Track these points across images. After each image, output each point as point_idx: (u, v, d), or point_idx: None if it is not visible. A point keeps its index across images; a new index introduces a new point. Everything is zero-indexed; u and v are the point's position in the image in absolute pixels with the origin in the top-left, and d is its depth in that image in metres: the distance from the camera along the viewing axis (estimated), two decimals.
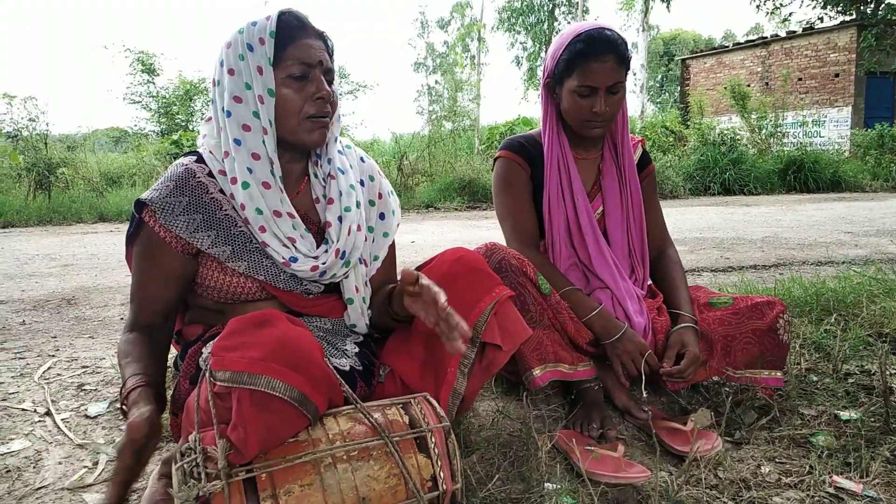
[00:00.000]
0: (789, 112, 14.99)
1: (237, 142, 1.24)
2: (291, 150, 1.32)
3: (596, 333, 1.65)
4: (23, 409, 1.84)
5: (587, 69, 1.62)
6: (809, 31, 17.64)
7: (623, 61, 1.63)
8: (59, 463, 1.52)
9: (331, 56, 1.31)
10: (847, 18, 15.81)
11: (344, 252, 1.31)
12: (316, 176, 1.38)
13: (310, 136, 1.27)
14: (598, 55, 1.61)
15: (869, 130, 15.10)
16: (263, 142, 1.24)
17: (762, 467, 1.45)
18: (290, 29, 1.24)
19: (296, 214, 1.29)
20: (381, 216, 1.47)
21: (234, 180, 1.24)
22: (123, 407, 1.11)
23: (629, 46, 1.68)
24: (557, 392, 1.88)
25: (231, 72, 1.24)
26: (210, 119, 1.32)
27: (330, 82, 1.29)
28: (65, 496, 1.38)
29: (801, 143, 13.83)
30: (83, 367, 2.25)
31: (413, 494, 1.04)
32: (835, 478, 1.38)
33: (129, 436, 0.98)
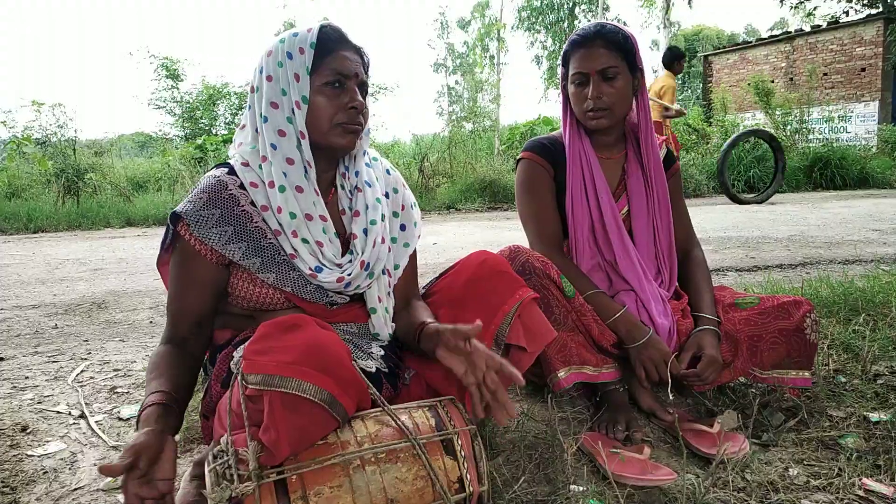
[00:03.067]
0: (815, 108, 14.74)
1: (273, 146, 1.27)
2: (322, 157, 1.34)
3: (620, 337, 1.65)
4: (58, 412, 1.88)
5: (577, 56, 1.70)
6: (834, 25, 17.36)
7: (614, 45, 1.67)
8: (94, 465, 1.56)
9: (366, 70, 1.35)
10: (873, 12, 15.55)
11: (369, 263, 1.33)
12: (343, 188, 1.40)
13: (340, 139, 1.31)
14: (586, 41, 1.68)
15: None
16: (299, 146, 1.28)
17: (790, 470, 1.44)
18: (330, 41, 1.29)
19: (328, 217, 1.32)
20: (403, 227, 1.49)
21: (271, 184, 1.27)
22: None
23: (628, 37, 1.69)
24: (582, 394, 1.88)
25: (269, 78, 1.28)
26: (244, 126, 1.35)
27: (363, 95, 1.33)
28: (100, 497, 1.41)
29: (827, 139, 13.61)
30: (115, 370, 2.29)
31: (440, 496, 1.05)
32: (864, 480, 1.37)
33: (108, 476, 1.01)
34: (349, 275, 1.31)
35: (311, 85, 1.27)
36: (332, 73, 1.28)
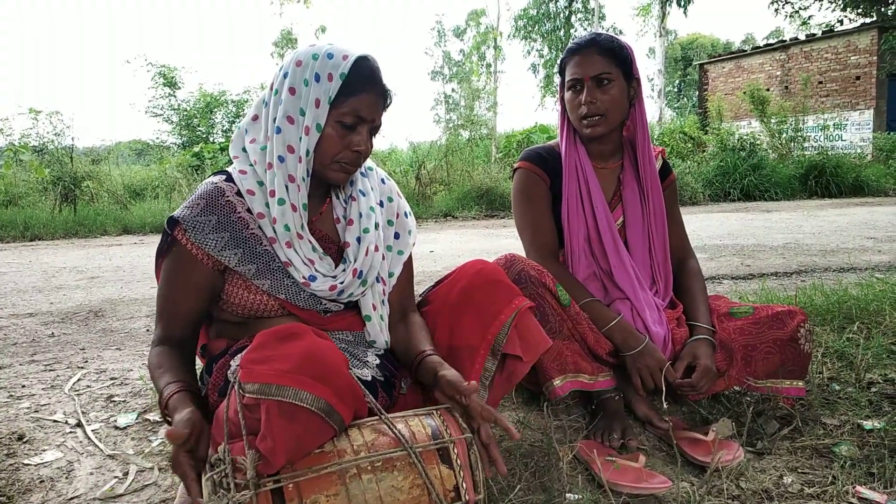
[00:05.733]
0: (809, 116, 14.78)
1: (280, 159, 1.28)
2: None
3: (616, 344, 1.66)
4: (54, 421, 1.88)
5: (572, 63, 1.73)
6: (829, 33, 17.46)
7: (608, 53, 1.69)
8: (91, 473, 1.56)
9: (385, 109, 1.34)
10: (867, 20, 15.66)
11: (361, 272, 1.34)
12: (338, 197, 1.42)
13: (334, 175, 1.32)
14: (580, 49, 1.71)
15: (891, 134, 14.88)
16: (299, 167, 1.28)
17: (784, 478, 1.45)
18: (361, 79, 1.27)
19: (313, 240, 1.33)
20: (397, 235, 1.50)
21: (272, 193, 1.28)
22: (166, 415, 1.16)
23: (624, 46, 1.72)
24: (578, 402, 1.88)
25: (292, 91, 1.27)
26: (257, 118, 1.34)
27: (373, 134, 1.34)
28: None
29: (822, 147, 13.65)
30: (112, 378, 2.30)
31: None
32: (858, 488, 1.37)
33: (173, 444, 1.04)
34: (342, 283, 1.32)
35: (328, 115, 1.27)
36: (352, 114, 1.27)
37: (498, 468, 1.16)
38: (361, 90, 1.27)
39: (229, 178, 1.33)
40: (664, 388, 1.59)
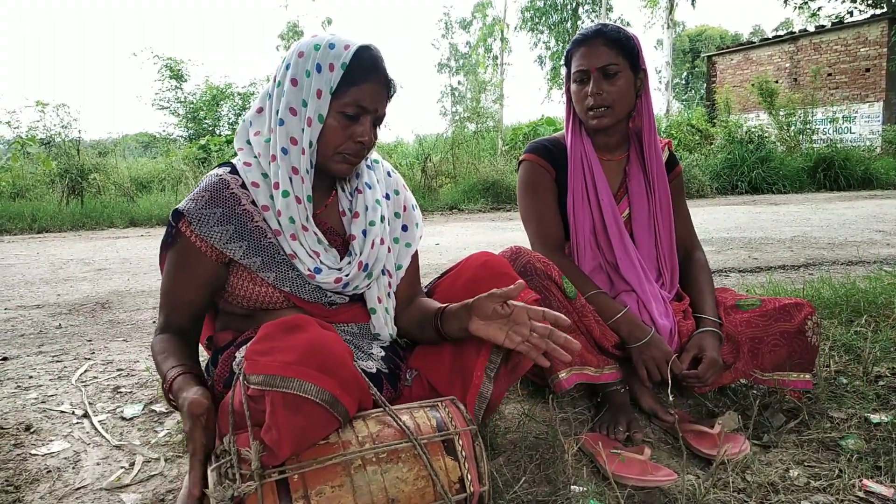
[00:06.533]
0: (818, 108, 14.68)
1: (284, 151, 1.28)
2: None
3: (622, 337, 1.66)
4: (61, 412, 1.89)
5: (578, 54, 1.71)
6: (839, 25, 17.31)
7: (615, 44, 1.67)
8: (97, 464, 1.57)
9: (389, 99, 1.33)
10: (878, 12, 15.50)
11: (367, 264, 1.34)
12: (343, 190, 1.41)
13: (337, 166, 1.32)
14: (586, 40, 1.70)
15: None
16: (302, 159, 1.28)
17: (790, 471, 1.44)
18: (362, 69, 1.26)
19: (319, 232, 1.33)
20: (405, 228, 1.50)
21: (276, 185, 1.27)
22: (170, 396, 1.16)
23: (630, 37, 1.70)
24: (583, 395, 1.88)
25: (294, 82, 1.27)
26: (261, 110, 1.33)
27: (376, 125, 1.33)
28: (103, 496, 1.42)
29: (830, 139, 13.57)
30: (118, 369, 2.31)
31: (441, 496, 1.06)
32: (865, 482, 1.37)
33: (192, 413, 1.04)
34: (347, 275, 1.32)
35: (329, 105, 1.26)
36: (354, 104, 1.26)
37: (570, 346, 1.18)
38: (363, 80, 1.26)
39: (234, 170, 1.32)
40: (670, 381, 1.58)
